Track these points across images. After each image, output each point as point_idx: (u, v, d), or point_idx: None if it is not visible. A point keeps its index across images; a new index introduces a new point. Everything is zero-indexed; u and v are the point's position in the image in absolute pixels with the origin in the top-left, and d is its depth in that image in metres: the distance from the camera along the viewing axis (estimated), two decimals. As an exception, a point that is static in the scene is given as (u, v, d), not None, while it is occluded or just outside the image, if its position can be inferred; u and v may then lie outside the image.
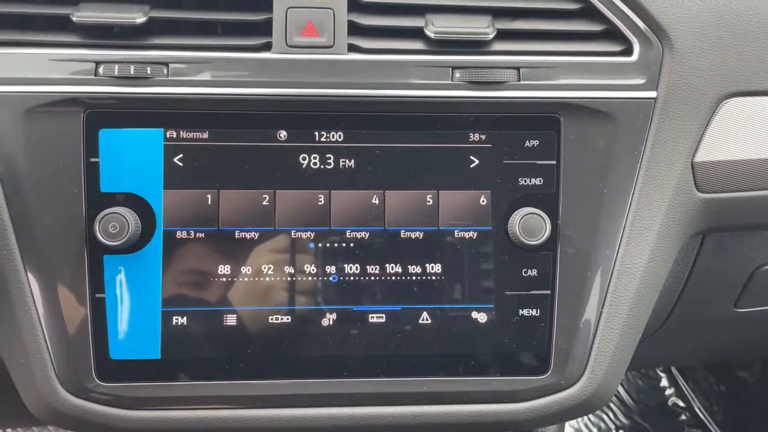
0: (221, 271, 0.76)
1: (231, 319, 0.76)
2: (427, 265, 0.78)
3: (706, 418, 2.07)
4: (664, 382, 2.15)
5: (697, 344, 1.21)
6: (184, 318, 0.76)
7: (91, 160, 0.75)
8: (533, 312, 0.78)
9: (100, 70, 0.74)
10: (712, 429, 2.05)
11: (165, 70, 0.75)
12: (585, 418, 2.11)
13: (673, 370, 2.15)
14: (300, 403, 0.77)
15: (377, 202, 0.77)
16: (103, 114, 0.75)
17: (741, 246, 0.92)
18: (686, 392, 2.11)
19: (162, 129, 0.76)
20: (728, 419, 2.04)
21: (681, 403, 2.12)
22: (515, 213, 0.77)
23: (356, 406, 0.77)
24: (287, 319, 0.77)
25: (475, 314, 0.78)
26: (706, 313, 1.03)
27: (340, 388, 0.77)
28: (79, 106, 0.74)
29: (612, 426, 2.10)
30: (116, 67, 0.74)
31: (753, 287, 0.98)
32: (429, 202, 0.78)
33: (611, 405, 2.13)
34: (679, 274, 0.93)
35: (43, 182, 0.74)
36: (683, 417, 2.10)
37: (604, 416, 2.12)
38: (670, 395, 2.14)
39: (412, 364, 0.78)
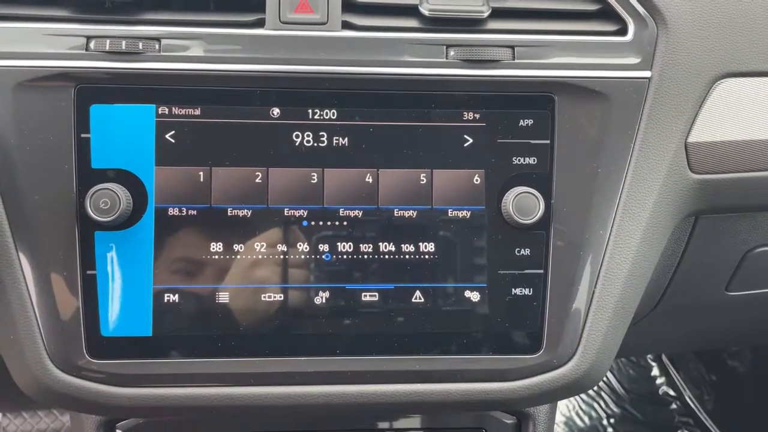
0: (213, 248, 0.76)
1: (223, 297, 0.76)
2: (420, 243, 0.78)
3: (696, 407, 2.08)
4: (655, 372, 2.16)
5: (689, 329, 1.22)
6: (176, 295, 0.75)
7: (82, 135, 0.74)
8: (526, 291, 0.78)
9: (92, 45, 0.74)
10: (702, 418, 2.06)
11: (157, 46, 0.74)
12: (576, 406, 2.12)
13: (664, 359, 2.16)
14: (292, 381, 0.77)
15: (371, 180, 0.77)
16: (95, 89, 0.74)
17: (733, 228, 0.93)
18: (677, 381, 2.12)
19: (154, 105, 0.75)
20: (718, 408, 2.05)
21: (672, 392, 2.13)
22: (509, 192, 0.77)
23: (348, 384, 0.77)
24: (279, 297, 0.77)
25: (467, 293, 0.78)
26: (697, 296, 1.03)
27: (332, 366, 0.77)
28: (70, 81, 0.73)
29: (603, 414, 2.11)
30: (108, 42, 0.73)
31: (744, 270, 0.98)
32: (423, 180, 0.78)
33: (602, 394, 2.14)
34: (672, 256, 0.93)
35: (34, 157, 0.73)
36: (674, 406, 2.12)
37: (595, 405, 2.13)
38: (661, 384, 2.15)
39: (405, 343, 0.78)
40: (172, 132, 0.75)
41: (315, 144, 0.77)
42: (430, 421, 0.93)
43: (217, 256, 0.76)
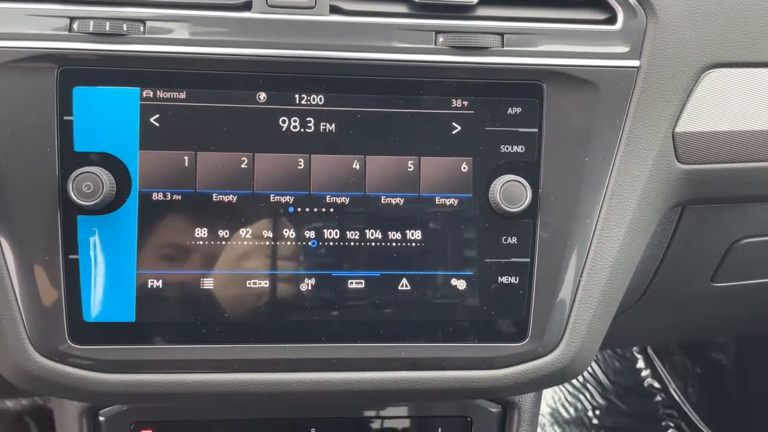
0: (198, 234, 0.75)
1: (207, 283, 0.75)
2: (408, 231, 0.77)
3: (681, 400, 2.10)
4: (641, 364, 2.18)
5: (674, 320, 1.22)
6: (160, 281, 0.75)
7: (65, 118, 0.73)
8: (512, 279, 0.78)
9: (75, 25, 0.73)
10: (686, 410, 2.08)
11: (142, 28, 0.73)
12: (562, 397, 2.13)
13: (650, 351, 2.17)
14: (277, 368, 0.76)
15: (358, 167, 0.76)
16: (78, 71, 0.73)
17: (720, 219, 0.93)
18: (662, 374, 2.14)
19: (138, 88, 0.74)
20: (703, 401, 2.07)
21: (657, 385, 2.14)
22: (496, 180, 0.77)
23: (333, 371, 0.77)
24: (265, 283, 0.76)
25: (454, 281, 0.78)
26: (683, 287, 1.04)
27: (317, 353, 0.76)
28: (52, 62, 0.72)
29: (588, 406, 2.12)
30: (91, 23, 0.72)
31: (730, 261, 0.99)
32: (410, 168, 0.77)
33: (588, 385, 2.16)
34: (658, 246, 0.93)
35: (15, 140, 0.72)
36: (658, 398, 2.13)
37: (581, 396, 2.14)
38: (646, 377, 2.17)
39: (391, 330, 0.77)
40: (157, 115, 0.74)
41: (302, 129, 0.76)
42: (415, 410, 0.93)
43: (201, 242, 0.75)
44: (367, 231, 0.77)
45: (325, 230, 0.76)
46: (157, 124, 0.74)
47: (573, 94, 0.78)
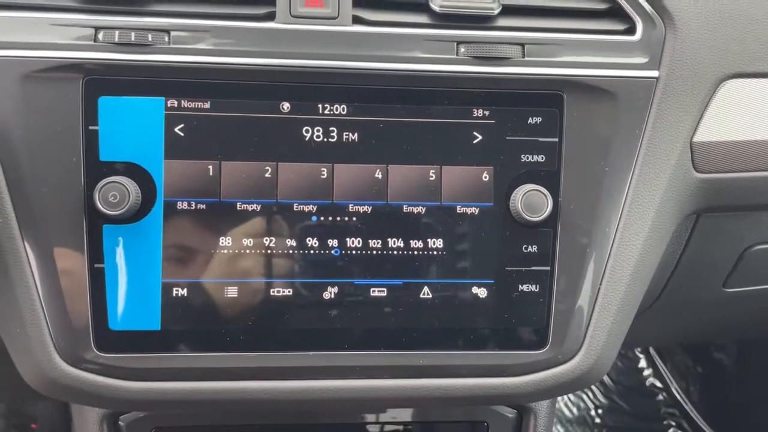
0: (222, 242, 0.76)
1: (232, 292, 0.76)
2: (429, 240, 0.78)
3: (682, 399, 2.11)
4: (642, 363, 2.19)
5: (685, 324, 1.23)
6: (185, 289, 0.75)
7: (90, 128, 0.73)
8: (532, 288, 0.79)
9: (100, 36, 0.73)
10: (687, 409, 2.09)
11: (166, 38, 0.73)
12: (565, 397, 2.14)
13: (652, 351, 2.18)
14: (300, 376, 0.77)
15: (380, 176, 0.77)
16: (103, 81, 0.73)
17: (733, 226, 0.94)
18: (664, 373, 2.15)
19: (163, 98, 0.74)
20: (704, 400, 2.08)
21: (658, 384, 2.15)
22: (517, 189, 0.77)
23: (355, 379, 0.77)
24: (288, 291, 0.77)
25: (475, 289, 0.79)
26: (695, 292, 1.05)
27: (339, 360, 0.77)
28: (78, 72, 0.72)
29: (591, 405, 2.13)
30: (117, 33, 0.72)
31: (742, 267, 0.99)
32: (432, 177, 0.78)
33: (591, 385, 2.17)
34: (672, 253, 0.94)
35: (41, 149, 0.72)
36: (660, 397, 2.14)
37: (584, 396, 2.15)
38: (648, 376, 2.18)
39: (412, 338, 0.78)
40: (182, 125, 0.75)
41: (325, 139, 0.76)
42: (430, 415, 0.94)
43: (226, 251, 0.76)
44: (389, 239, 0.77)
45: (347, 239, 0.77)
46: (182, 134, 0.75)
47: (593, 104, 0.78)
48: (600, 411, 2.11)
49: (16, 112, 0.72)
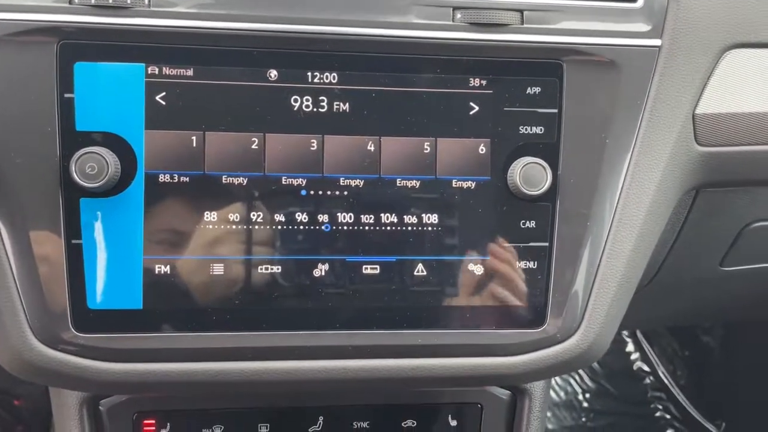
0: (207, 217, 0.72)
1: (217, 269, 0.73)
2: (424, 215, 0.75)
3: (669, 382, 2.13)
4: (630, 347, 2.20)
5: (681, 304, 1.23)
6: (167, 266, 0.72)
7: (66, 95, 0.69)
8: (530, 264, 0.77)
9: None
10: (674, 392, 2.11)
11: (146, 0, 0.70)
12: (553, 381, 2.14)
13: (639, 335, 2.19)
14: (291, 356, 0.74)
15: (372, 148, 0.74)
16: (79, 46, 0.69)
17: (731, 203, 0.93)
18: (651, 357, 2.16)
19: (143, 64, 0.71)
20: (691, 383, 2.10)
21: (645, 368, 2.17)
22: (515, 162, 0.75)
23: (349, 359, 0.75)
24: (276, 269, 0.74)
25: (471, 266, 0.76)
26: (692, 271, 1.04)
27: (332, 340, 0.75)
28: (52, 36, 0.69)
29: (579, 389, 2.14)
30: None
31: (740, 245, 0.99)
32: (426, 149, 0.75)
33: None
34: (670, 231, 0.93)
35: (13, 118, 0.69)
36: (647, 381, 2.16)
37: (571, 380, 2.16)
38: (635, 360, 2.19)
39: (407, 317, 0.76)
40: (163, 93, 0.71)
41: (314, 109, 0.73)
42: (424, 397, 0.92)
43: (210, 226, 0.72)
44: (382, 215, 0.75)
45: (338, 214, 0.74)
46: (164, 103, 0.71)
47: (593, 74, 0.76)
48: (588, 395, 2.12)
49: (-14, 78, 0.68)
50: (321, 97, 0.73)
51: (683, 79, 0.78)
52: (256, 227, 0.73)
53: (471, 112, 0.75)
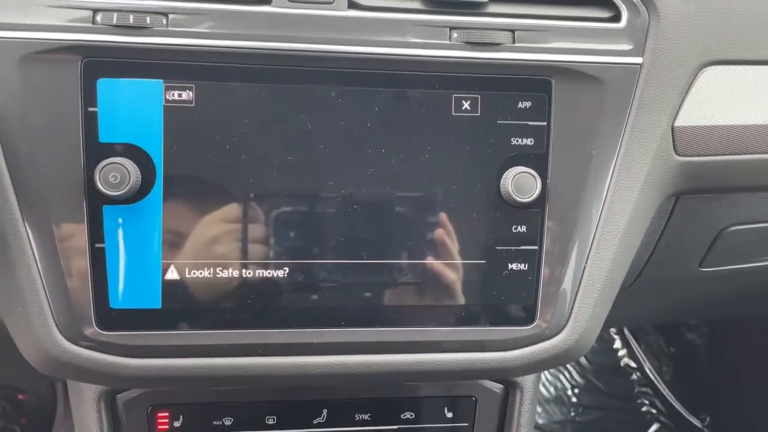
0: (220, 223, 0.77)
1: (230, 271, 0.77)
2: (422, 220, 0.80)
3: (655, 378, 2.16)
4: (617, 344, 2.23)
5: (662, 303, 1.27)
6: (185, 269, 0.76)
7: (89, 109, 0.74)
8: (522, 266, 0.82)
9: (98, 17, 0.73)
10: (660, 388, 2.14)
11: (164, 21, 0.74)
12: (543, 377, 2.18)
13: (626, 332, 2.22)
14: (298, 352, 0.79)
15: (373, 159, 0.79)
16: (102, 63, 0.74)
17: (709, 208, 0.97)
18: (638, 353, 2.19)
19: (161, 80, 0.75)
20: (676, 379, 2.13)
21: (632, 364, 2.20)
22: (507, 171, 0.80)
23: (352, 354, 0.80)
24: (286, 271, 0.78)
25: (466, 268, 0.81)
26: (672, 272, 1.08)
27: (337, 337, 0.79)
28: (76, 54, 0.73)
29: (568, 385, 2.17)
30: (115, 15, 0.73)
31: (717, 247, 1.03)
32: (424, 159, 0.80)
33: (567, 365, 2.21)
34: (652, 234, 0.97)
35: (40, 131, 0.73)
36: (634, 377, 2.19)
37: (561, 376, 2.19)
38: (623, 356, 2.22)
39: (406, 315, 0.81)
40: (180, 107, 0.75)
41: (317, 123, 0.78)
42: (420, 391, 0.96)
43: (224, 231, 0.77)
44: (383, 221, 0.79)
45: (343, 220, 0.79)
46: (180, 116, 0.75)
47: (580, 89, 0.81)
48: (576, 390, 2.15)
49: (15, 93, 0.72)
50: (323, 112, 0.77)
51: (663, 93, 0.83)
52: (266, 232, 0.78)
53: (465, 125, 0.80)
